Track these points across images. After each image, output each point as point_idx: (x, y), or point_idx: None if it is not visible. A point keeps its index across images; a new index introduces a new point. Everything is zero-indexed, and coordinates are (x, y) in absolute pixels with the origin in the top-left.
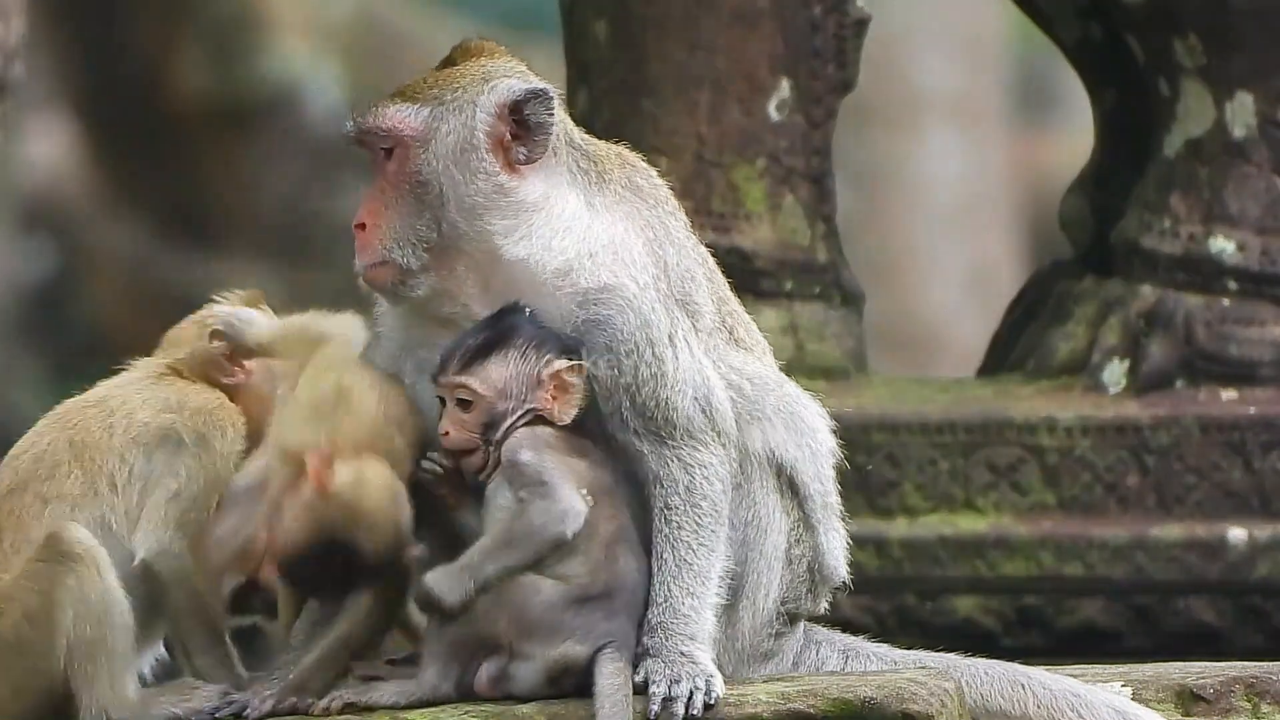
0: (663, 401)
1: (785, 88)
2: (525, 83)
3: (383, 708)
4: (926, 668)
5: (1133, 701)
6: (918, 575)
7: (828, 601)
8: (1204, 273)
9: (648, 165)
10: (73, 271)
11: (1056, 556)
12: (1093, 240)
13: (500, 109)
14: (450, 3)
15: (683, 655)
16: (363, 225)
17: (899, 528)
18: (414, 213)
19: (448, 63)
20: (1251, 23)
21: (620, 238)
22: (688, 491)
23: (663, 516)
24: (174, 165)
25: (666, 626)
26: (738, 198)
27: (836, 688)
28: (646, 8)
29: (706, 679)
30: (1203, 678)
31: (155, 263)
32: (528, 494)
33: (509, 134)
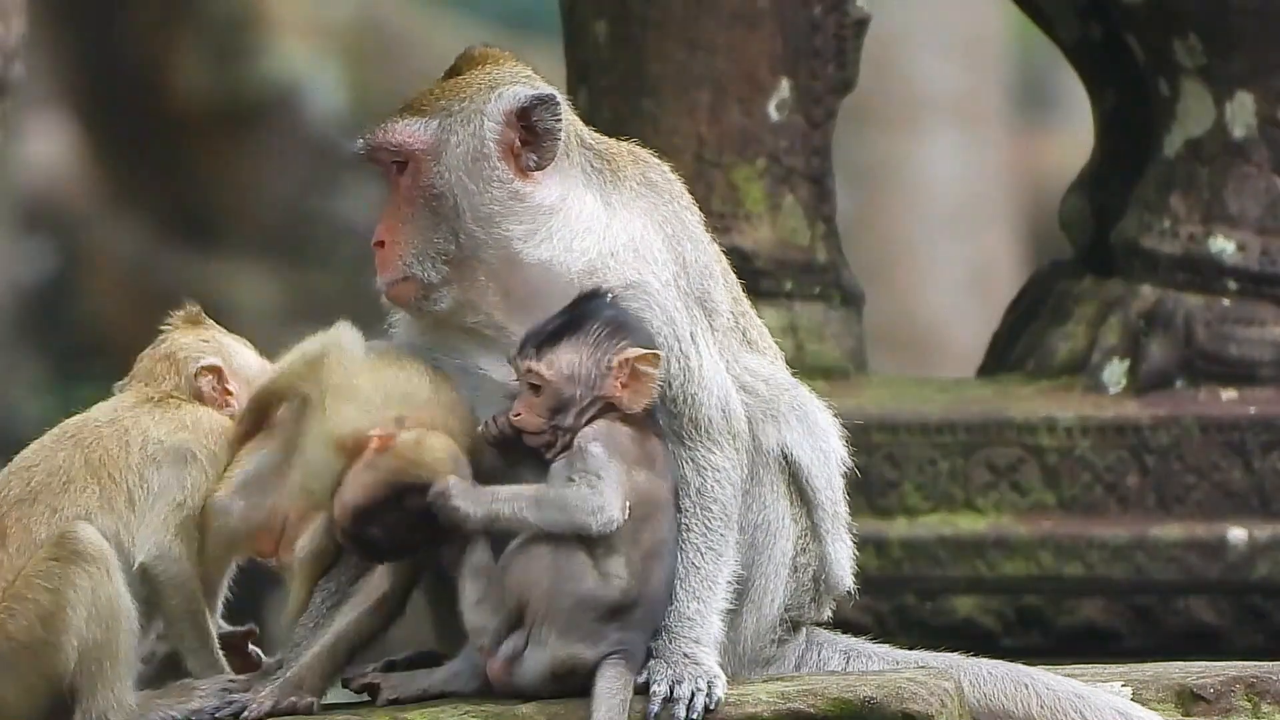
0: (690, 397)
1: (785, 88)
2: (531, 89)
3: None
4: (927, 667)
5: (1135, 703)
6: (918, 575)
7: (831, 609)
8: (1204, 273)
9: (659, 161)
10: (73, 271)
11: (1056, 556)
12: (1093, 240)
13: (508, 116)
14: (450, 3)
15: (686, 657)
16: (381, 243)
17: (899, 528)
18: (430, 226)
19: (453, 72)
20: (1251, 23)
21: (639, 235)
22: (699, 494)
23: None
24: (174, 165)
25: (671, 629)
26: (738, 198)
27: (836, 687)
28: (646, 8)
29: (709, 680)
30: (1203, 678)
31: (155, 263)
32: (580, 478)
33: (518, 140)
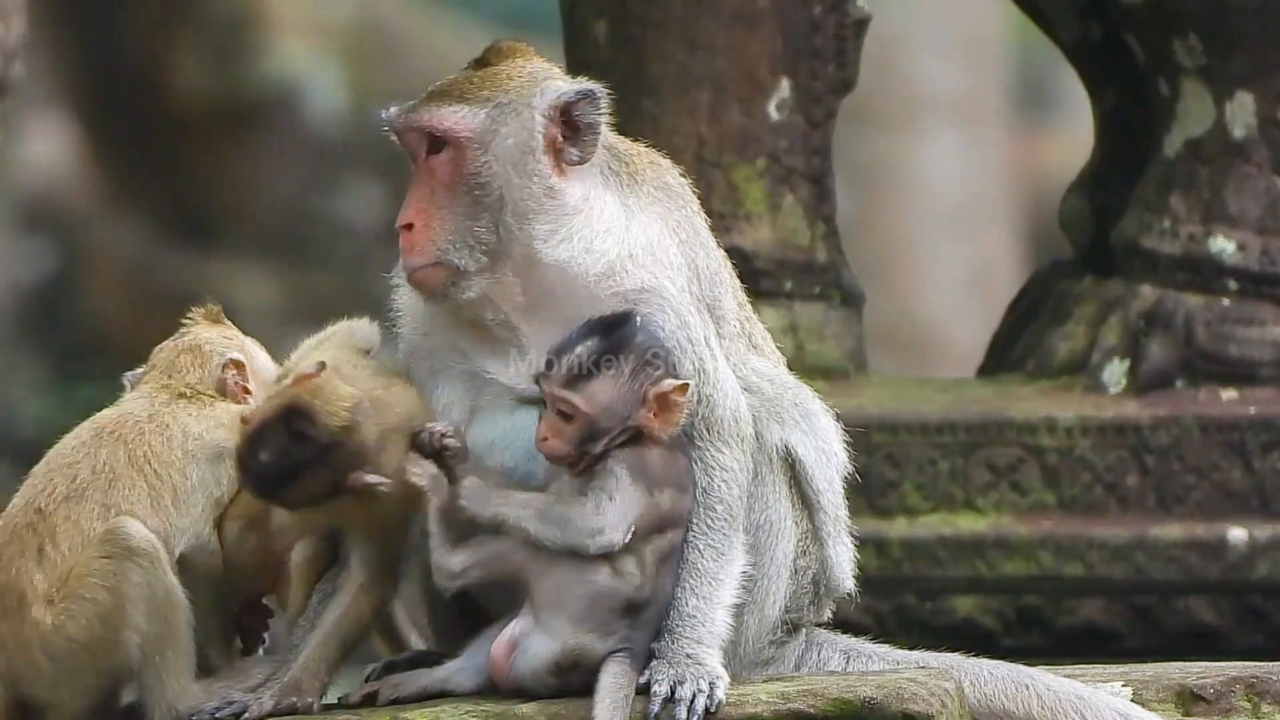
0: (706, 399)
1: (785, 88)
2: (574, 83)
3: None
4: (927, 667)
5: (1135, 704)
6: (918, 575)
7: (831, 610)
8: (1204, 273)
9: (672, 164)
10: (73, 271)
11: (1056, 556)
12: (1093, 240)
13: (552, 110)
14: (450, 3)
15: (689, 657)
16: (410, 225)
17: (899, 528)
18: (471, 215)
19: (482, 63)
20: (1251, 23)
21: (656, 239)
22: (704, 494)
23: None
24: (174, 165)
25: (673, 629)
26: (738, 198)
27: (836, 687)
28: (646, 8)
29: (711, 681)
30: (1203, 678)
31: (155, 263)
32: (592, 494)
33: (560, 135)
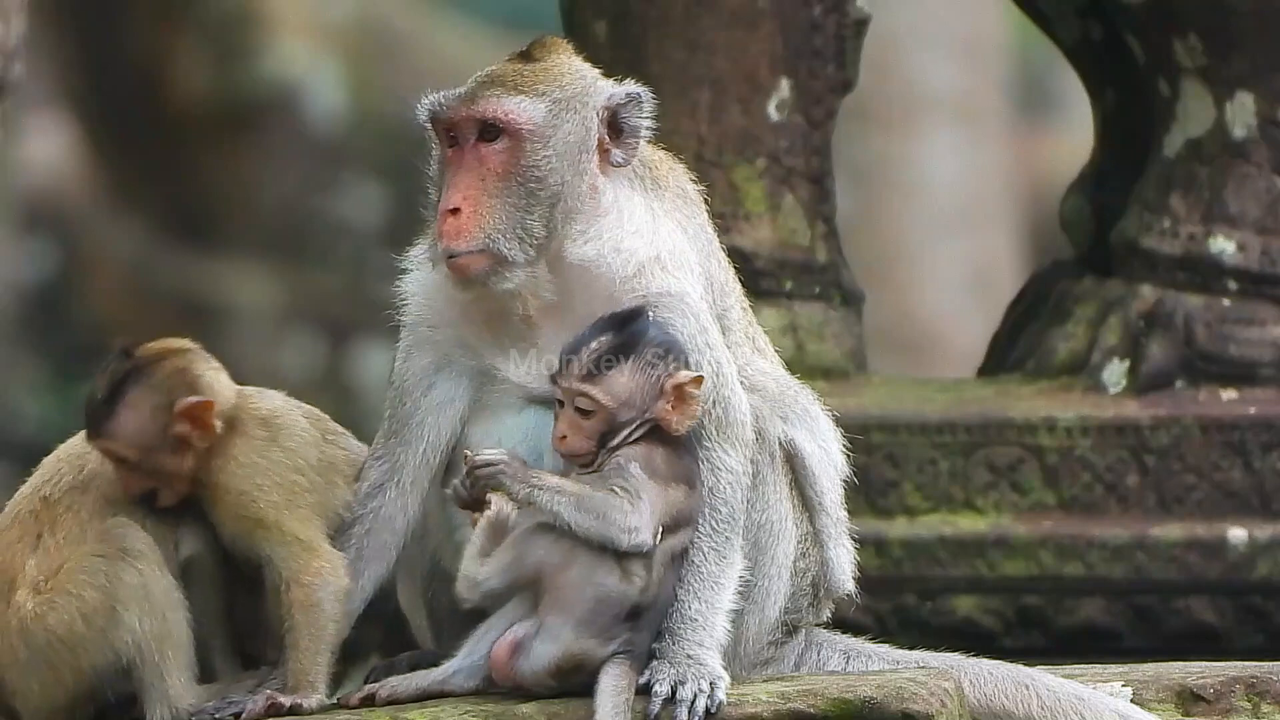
0: (722, 399)
1: (785, 88)
2: (623, 86)
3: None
4: (927, 667)
5: (1135, 705)
6: (918, 575)
7: (830, 611)
8: (1204, 273)
9: (685, 169)
10: (73, 271)
11: (1056, 556)
12: (1093, 240)
13: (604, 111)
14: (450, 3)
15: (689, 658)
16: (457, 210)
17: (899, 528)
18: (523, 208)
19: (528, 58)
20: (1251, 23)
21: (679, 245)
22: (711, 494)
23: None
24: (174, 165)
25: (674, 631)
26: (738, 198)
27: (836, 687)
28: (646, 8)
29: (711, 681)
30: (1203, 678)
31: (155, 263)
32: (622, 491)
33: (606, 136)
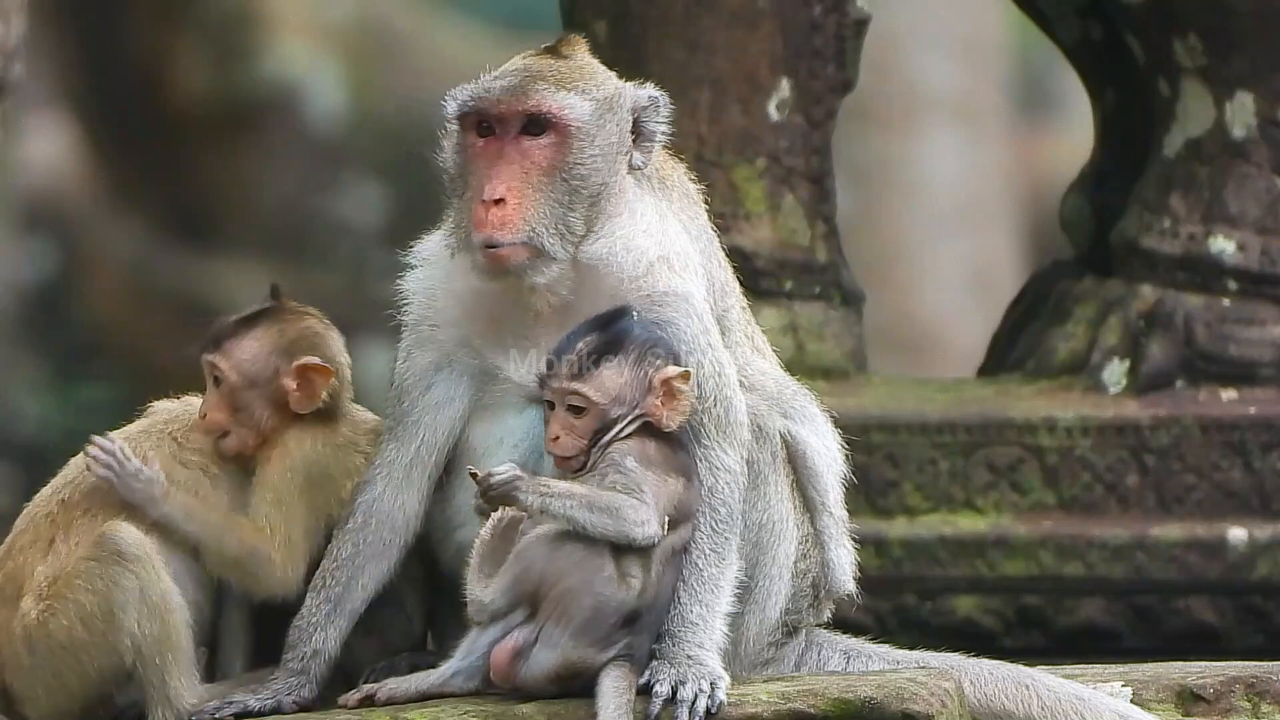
0: (725, 399)
1: (785, 88)
2: (644, 89)
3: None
4: (927, 667)
5: (1135, 706)
6: (918, 575)
7: (830, 611)
8: (1204, 273)
9: (685, 168)
10: (73, 271)
11: (1056, 556)
12: (1093, 240)
13: (633, 113)
14: (450, 3)
15: (689, 659)
16: (501, 200)
17: (899, 528)
18: (567, 204)
19: (556, 54)
20: (1251, 23)
21: (684, 246)
22: (710, 494)
23: None
24: (174, 165)
25: (674, 633)
26: (738, 198)
27: (836, 687)
28: (646, 8)
29: (712, 681)
30: (1203, 678)
31: (155, 263)
32: (624, 488)
33: (631, 139)
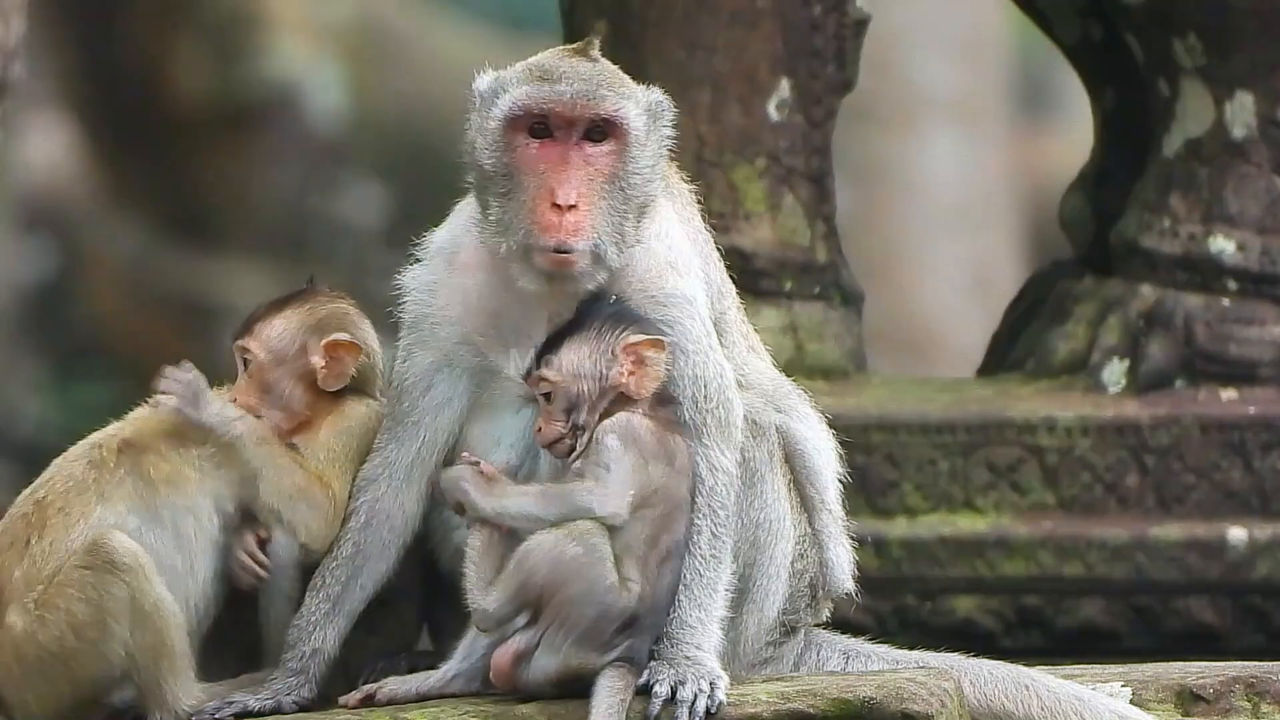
0: (725, 400)
1: (785, 88)
2: (654, 92)
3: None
4: (927, 667)
5: (1134, 707)
6: (918, 575)
7: (829, 611)
8: (1204, 273)
9: (677, 169)
10: (73, 271)
11: (1056, 556)
12: (1093, 240)
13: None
14: (450, 3)
15: (688, 659)
16: (574, 206)
17: (899, 528)
18: (623, 212)
19: (587, 56)
20: (1251, 23)
21: (688, 250)
22: (710, 494)
23: None
24: (174, 165)
25: (674, 636)
26: (738, 198)
27: (836, 687)
28: (646, 8)
29: (711, 681)
30: (1203, 678)
31: (155, 263)
32: (589, 472)
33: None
